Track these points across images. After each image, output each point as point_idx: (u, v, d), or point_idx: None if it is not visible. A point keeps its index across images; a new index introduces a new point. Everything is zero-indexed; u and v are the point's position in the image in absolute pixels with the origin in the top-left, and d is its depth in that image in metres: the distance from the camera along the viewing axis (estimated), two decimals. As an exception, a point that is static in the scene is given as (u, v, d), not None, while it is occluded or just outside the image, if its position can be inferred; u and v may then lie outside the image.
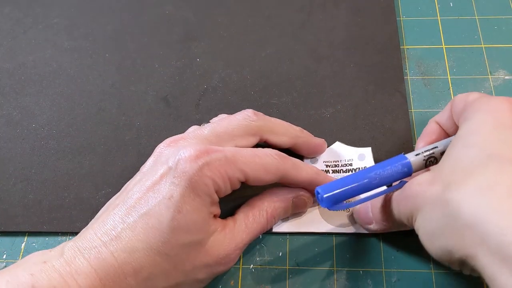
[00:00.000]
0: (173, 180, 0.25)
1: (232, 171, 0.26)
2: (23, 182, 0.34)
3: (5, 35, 0.42)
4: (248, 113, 0.30)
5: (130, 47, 0.40)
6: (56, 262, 0.24)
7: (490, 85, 0.36)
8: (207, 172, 0.25)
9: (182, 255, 0.25)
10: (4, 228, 0.33)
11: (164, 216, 0.24)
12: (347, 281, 0.29)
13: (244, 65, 0.39)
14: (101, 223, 0.25)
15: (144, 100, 0.38)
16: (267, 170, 0.27)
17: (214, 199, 0.26)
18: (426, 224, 0.23)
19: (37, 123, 0.37)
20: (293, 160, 0.28)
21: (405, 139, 0.34)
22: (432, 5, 0.41)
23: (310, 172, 0.29)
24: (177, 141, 0.28)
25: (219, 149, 0.26)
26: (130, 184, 0.27)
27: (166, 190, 0.25)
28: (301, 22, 0.41)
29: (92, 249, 0.24)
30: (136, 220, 0.24)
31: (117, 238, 0.24)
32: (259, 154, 0.27)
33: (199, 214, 0.25)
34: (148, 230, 0.24)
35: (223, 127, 0.29)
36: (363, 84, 0.37)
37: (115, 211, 0.25)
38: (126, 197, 0.26)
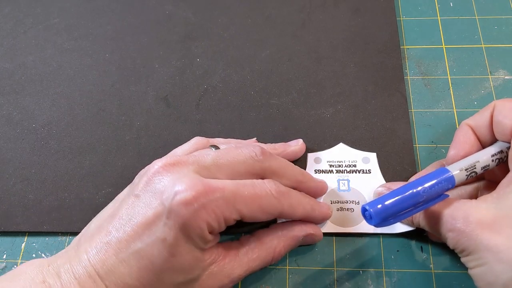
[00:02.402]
0: (166, 221, 0.24)
1: (229, 212, 0.25)
2: (23, 182, 0.34)
3: (5, 35, 0.42)
4: (256, 151, 0.28)
5: (130, 47, 0.40)
6: (54, 284, 0.24)
7: (490, 85, 0.36)
8: (202, 215, 0.24)
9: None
10: (4, 228, 0.33)
11: (156, 258, 0.24)
12: (347, 281, 0.29)
13: (244, 65, 0.39)
14: (94, 249, 0.25)
15: (144, 100, 0.38)
16: (264, 211, 0.26)
17: (206, 239, 0.25)
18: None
19: (37, 123, 0.37)
20: (291, 200, 0.28)
21: (405, 139, 0.34)
22: (432, 5, 0.41)
23: (306, 209, 0.29)
24: (175, 165, 0.26)
25: (218, 188, 0.25)
26: (123, 207, 0.26)
27: (159, 232, 0.24)
28: (301, 22, 0.41)
29: (87, 279, 0.24)
30: (128, 256, 0.24)
31: (111, 271, 0.24)
32: (259, 192, 0.26)
33: (192, 255, 0.25)
34: (141, 269, 0.24)
35: (227, 161, 0.27)
36: (363, 84, 0.37)
37: (108, 239, 0.25)
38: (119, 226, 0.25)
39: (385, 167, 0.33)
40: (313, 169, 0.33)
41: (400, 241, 0.31)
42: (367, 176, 0.33)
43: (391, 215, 0.25)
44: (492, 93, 0.36)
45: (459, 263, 0.29)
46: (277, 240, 0.28)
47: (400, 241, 0.31)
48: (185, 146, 0.31)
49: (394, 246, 0.30)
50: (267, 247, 0.28)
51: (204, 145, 0.31)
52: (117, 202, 0.28)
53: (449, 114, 0.35)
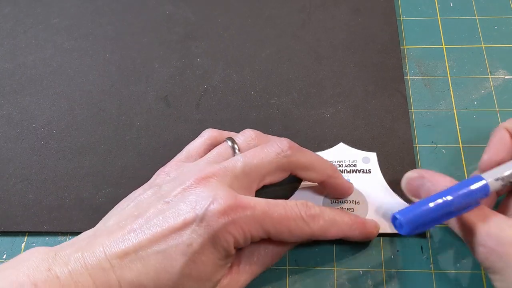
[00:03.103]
0: (196, 228, 0.24)
1: (256, 231, 0.25)
2: (23, 182, 0.34)
3: (5, 35, 0.42)
4: (283, 146, 0.27)
5: (130, 47, 0.40)
6: (60, 272, 0.23)
7: (490, 85, 0.36)
8: (231, 229, 0.24)
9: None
10: (4, 228, 0.33)
11: (177, 262, 0.24)
12: (347, 281, 0.29)
13: (244, 65, 0.39)
14: (113, 242, 0.24)
15: (144, 100, 0.38)
16: (292, 234, 0.26)
17: (230, 253, 0.25)
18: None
19: (37, 123, 0.37)
20: (324, 219, 0.27)
21: (405, 139, 0.34)
22: (432, 5, 0.41)
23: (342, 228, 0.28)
24: (208, 178, 0.26)
25: (250, 206, 0.25)
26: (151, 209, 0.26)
27: (186, 237, 0.24)
28: (301, 22, 0.41)
29: (100, 271, 0.23)
30: (149, 255, 0.24)
31: (127, 268, 0.23)
32: (289, 215, 0.26)
33: (212, 267, 0.25)
34: (159, 270, 0.24)
35: (256, 166, 0.27)
36: (363, 84, 0.37)
37: (130, 236, 0.24)
38: (144, 225, 0.25)
39: (385, 167, 0.33)
40: (313, 169, 0.33)
41: (400, 241, 0.31)
42: (367, 176, 0.33)
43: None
44: (492, 93, 0.36)
45: (459, 263, 0.29)
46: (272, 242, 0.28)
47: (400, 241, 0.30)
48: (198, 141, 0.31)
49: (394, 246, 0.30)
50: (265, 249, 0.28)
51: (216, 138, 0.31)
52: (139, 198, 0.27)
53: (449, 114, 0.35)
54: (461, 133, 0.34)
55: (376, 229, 0.30)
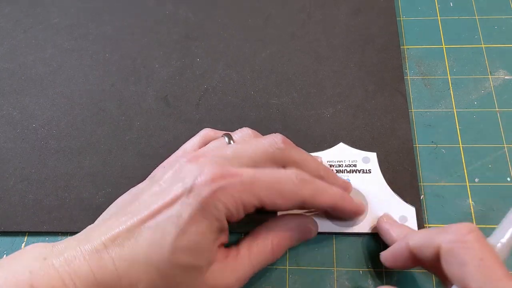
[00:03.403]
0: (185, 200, 0.24)
1: (247, 197, 0.25)
2: (23, 182, 0.34)
3: (5, 35, 0.42)
4: (277, 140, 0.28)
5: (130, 47, 0.40)
6: (56, 261, 0.23)
7: (490, 85, 0.36)
8: (220, 196, 0.24)
9: (179, 277, 0.25)
10: (4, 228, 0.33)
11: (168, 233, 0.24)
12: (347, 281, 0.29)
13: (244, 65, 0.39)
14: (108, 228, 0.25)
15: (144, 100, 0.38)
16: (285, 198, 0.26)
17: (223, 225, 0.25)
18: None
19: (37, 123, 0.37)
20: (315, 185, 0.27)
21: (405, 139, 0.34)
22: (432, 5, 0.41)
23: (333, 196, 0.28)
24: (198, 157, 0.27)
25: (237, 173, 0.25)
26: (144, 194, 0.26)
27: (176, 209, 0.24)
28: (301, 22, 0.41)
29: (94, 253, 0.24)
30: (142, 231, 0.24)
31: (120, 245, 0.24)
32: (278, 178, 0.26)
33: (203, 238, 0.25)
34: (151, 244, 0.24)
35: (247, 152, 0.27)
36: (363, 84, 0.37)
37: (124, 218, 0.25)
38: (139, 208, 0.25)
39: (385, 167, 0.33)
40: (313, 169, 0.33)
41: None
42: (367, 176, 0.33)
43: None
44: (492, 93, 0.36)
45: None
46: (273, 233, 0.28)
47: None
48: (194, 139, 0.31)
49: (394, 246, 0.30)
50: (263, 240, 0.28)
51: (212, 137, 0.31)
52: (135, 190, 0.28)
53: (449, 114, 0.35)
54: (461, 133, 0.34)
55: (363, 208, 0.30)
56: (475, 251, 0.22)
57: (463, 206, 0.32)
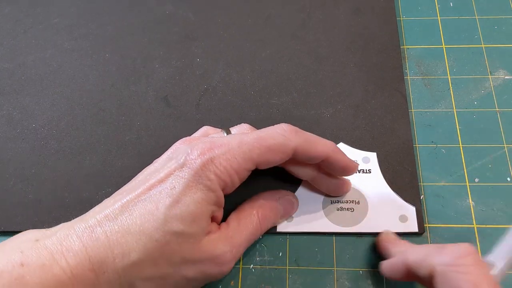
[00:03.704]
0: (178, 173, 0.25)
1: (237, 163, 0.26)
2: (23, 182, 0.34)
3: (5, 35, 0.42)
4: (285, 128, 0.27)
5: (130, 47, 0.40)
6: (48, 241, 0.24)
7: (490, 85, 0.36)
8: (211, 167, 0.25)
9: (172, 244, 0.25)
10: (4, 228, 0.33)
11: (162, 203, 0.24)
12: (347, 281, 0.30)
13: (244, 65, 0.39)
14: (103, 207, 0.25)
15: (144, 100, 0.38)
16: (276, 151, 0.26)
17: (218, 196, 0.26)
18: None
19: (37, 123, 0.37)
20: (306, 135, 0.27)
21: (405, 139, 0.34)
22: (432, 5, 0.41)
23: (326, 147, 0.27)
24: (192, 139, 0.28)
25: (224, 142, 0.26)
26: (140, 175, 0.27)
27: (170, 181, 0.25)
28: (301, 22, 0.41)
29: (86, 228, 0.24)
30: (135, 205, 0.25)
31: (113, 219, 0.24)
32: (264, 135, 0.26)
33: (197, 207, 0.25)
34: (144, 214, 0.24)
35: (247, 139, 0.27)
36: (363, 84, 0.37)
37: (119, 197, 0.26)
38: (134, 186, 0.26)
39: (385, 167, 0.33)
40: (313, 169, 0.33)
41: (400, 241, 0.31)
42: (367, 176, 0.33)
43: None
44: (492, 93, 0.36)
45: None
46: (257, 206, 0.29)
47: (400, 241, 0.31)
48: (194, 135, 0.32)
49: (394, 246, 0.30)
50: (249, 212, 0.29)
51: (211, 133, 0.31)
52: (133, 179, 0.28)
53: (449, 114, 0.35)
54: (461, 133, 0.34)
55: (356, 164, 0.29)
56: (469, 276, 0.22)
57: (463, 206, 0.32)
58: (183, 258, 0.25)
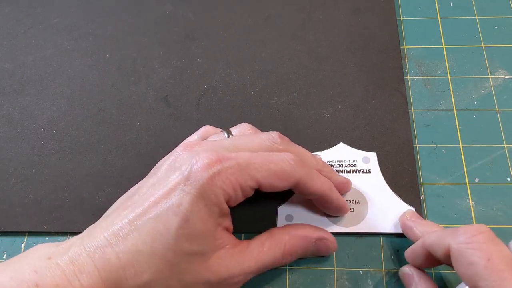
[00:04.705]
0: (183, 188, 0.24)
1: (243, 179, 0.25)
2: (23, 182, 0.34)
3: (5, 35, 0.42)
4: (274, 135, 0.28)
5: (130, 47, 0.40)
6: (61, 260, 0.24)
7: (490, 85, 0.36)
8: (217, 181, 0.24)
9: (184, 264, 0.25)
10: (4, 228, 0.33)
11: (170, 223, 0.24)
12: (347, 281, 0.29)
13: (244, 65, 0.39)
14: (109, 223, 0.25)
15: (144, 100, 0.38)
16: (281, 178, 0.26)
17: (223, 209, 0.25)
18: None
19: (37, 123, 0.37)
20: (309, 170, 0.27)
21: (405, 139, 0.34)
22: (432, 5, 0.41)
23: (324, 185, 0.28)
24: (193, 146, 0.27)
25: (232, 156, 0.25)
26: (144, 187, 0.27)
27: (176, 198, 0.24)
28: (301, 22, 0.41)
29: (97, 249, 0.24)
30: (144, 223, 0.24)
31: (123, 239, 0.24)
32: (274, 160, 0.26)
33: (205, 225, 0.25)
34: (154, 234, 0.24)
35: (244, 143, 0.27)
36: (363, 84, 0.37)
37: (125, 212, 0.25)
38: (138, 200, 0.25)
39: (385, 167, 0.33)
40: (313, 169, 0.33)
41: (400, 241, 0.31)
42: (367, 176, 0.33)
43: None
44: (492, 93, 0.36)
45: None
46: (288, 236, 0.28)
47: (400, 241, 0.31)
48: (194, 135, 0.32)
49: (394, 246, 0.30)
50: (277, 242, 0.28)
51: (211, 133, 0.31)
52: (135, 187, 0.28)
53: (449, 114, 0.35)
54: (461, 133, 0.34)
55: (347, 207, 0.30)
56: (482, 252, 0.22)
57: (463, 206, 0.32)
58: (194, 278, 0.25)
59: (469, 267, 0.22)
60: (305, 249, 0.29)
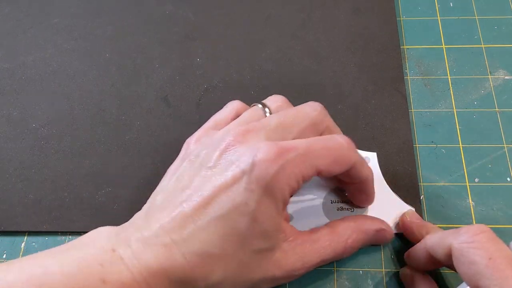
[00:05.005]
0: (247, 186, 0.23)
1: (306, 170, 0.24)
2: (23, 182, 0.34)
3: (5, 35, 0.42)
4: (317, 107, 0.28)
5: (130, 47, 0.40)
6: (125, 253, 0.23)
7: (490, 85, 0.36)
8: (283, 177, 0.24)
9: (254, 262, 0.24)
10: (4, 228, 0.33)
11: (239, 223, 0.23)
12: (347, 281, 0.29)
13: (244, 65, 0.39)
14: (167, 217, 0.24)
15: (144, 100, 0.38)
16: (340, 163, 0.25)
17: (287, 202, 0.25)
18: None
19: (37, 123, 0.37)
20: (358, 154, 0.27)
21: (405, 139, 0.34)
22: (432, 5, 0.41)
23: (370, 171, 0.28)
24: (245, 134, 0.26)
25: (293, 147, 0.24)
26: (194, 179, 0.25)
27: (241, 196, 0.23)
28: (301, 22, 0.41)
29: (162, 247, 0.23)
30: (209, 222, 0.23)
31: (189, 239, 0.23)
32: (332, 145, 0.25)
33: (273, 221, 0.24)
34: (223, 236, 0.23)
35: (291, 120, 0.27)
36: (363, 84, 0.37)
37: (184, 206, 0.24)
38: (194, 194, 0.24)
39: (385, 167, 0.33)
40: (313, 169, 0.33)
41: (400, 241, 0.31)
42: (367, 176, 0.33)
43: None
44: (492, 93, 0.36)
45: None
46: (351, 231, 0.28)
47: (400, 241, 0.31)
48: (224, 111, 0.31)
49: (394, 246, 0.30)
50: (339, 236, 0.27)
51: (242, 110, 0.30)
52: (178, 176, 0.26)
53: (449, 114, 0.35)
54: (461, 133, 0.34)
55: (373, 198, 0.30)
56: (484, 251, 0.22)
57: (463, 206, 0.32)
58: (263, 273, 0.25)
59: (471, 266, 0.22)
60: (366, 241, 0.28)
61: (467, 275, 0.23)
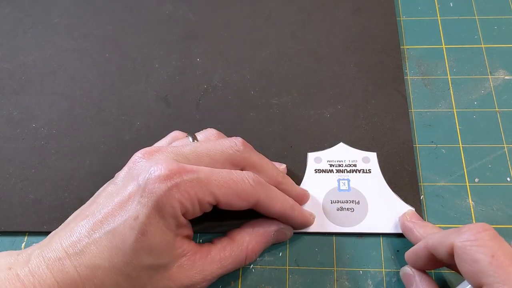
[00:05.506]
0: (140, 200, 0.24)
1: (202, 194, 0.25)
2: (23, 182, 0.34)
3: (5, 35, 0.42)
4: (236, 142, 0.28)
5: (130, 47, 0.40)
6: (21, 271, 0.23)
7: (490, 85, 0.36)
8: (175, 194, 0.24)
9: (144, 277, 0.25)
10: (4, 228, 0.33)
11: (128, 237, 0.24)
12: (347, 281, 0.30)
13: (244, 65, 0.39)
14: (68, 233, 0.25)
15: (144, 100, 0.38)
16: (240, 197, 0.26)
17: (180, 221, 0.25)
18: None
19: (37, 123, 0.37)
20: (270, 190, 0.28)
21: (405, 139, 0.34)
22: (432, 5, 0.41)
23: (285, 205, 0.28)
24: (153, 153, 0.27)
25: (193, 169, 0.25)
26: (102, 195, 0.26)
27: (132, 210, 0.24)
28: (301, 22, 0.41)
29: (56, 261, 0.24)
30: (101, 236, 0.24)
31: (81, 252, 0.24)
32: (234, 178, 0.26)
33: (163, 237, 0.25)
34: (111, 249, 0.24)
35: (206, 150, 0.27)
36: (363, 84, 0.37)
37: (83, 222, 0.25)
38: (95, 210, 0.25)
39: (385, 167, 0.33)
40: (313, 168, 0.33)
41: (400, 241, 0.31)
42: (367, 176, 0.33)
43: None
44: (492, 93, 0.36)
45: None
46: (249, 237, 0.28)
47: (400, 241, 0.31)
48: (163, 140, 0.32)
49: (394, 246, 0.30)
50: (238, 245, 0.28)
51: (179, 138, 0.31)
52: (97, 192, 0.28)
53: (449, 114, 0.35)
54: (461, 133, 0.34)
55: (312, 217, 0.31)
56: (486, 249, 0.23)
57: (463, 206, 0.32)
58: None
59: (474, 264, 0.22)
60: (266, 243, 0.29)
61: (470, 273, 0.23)
